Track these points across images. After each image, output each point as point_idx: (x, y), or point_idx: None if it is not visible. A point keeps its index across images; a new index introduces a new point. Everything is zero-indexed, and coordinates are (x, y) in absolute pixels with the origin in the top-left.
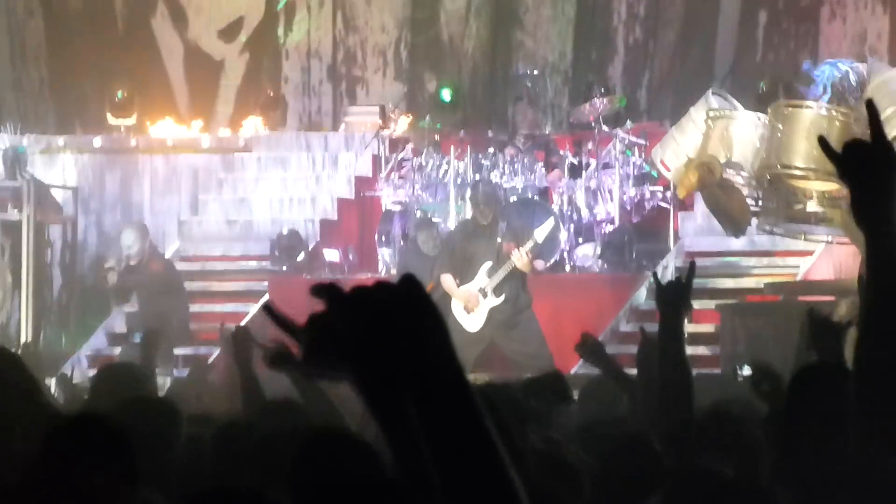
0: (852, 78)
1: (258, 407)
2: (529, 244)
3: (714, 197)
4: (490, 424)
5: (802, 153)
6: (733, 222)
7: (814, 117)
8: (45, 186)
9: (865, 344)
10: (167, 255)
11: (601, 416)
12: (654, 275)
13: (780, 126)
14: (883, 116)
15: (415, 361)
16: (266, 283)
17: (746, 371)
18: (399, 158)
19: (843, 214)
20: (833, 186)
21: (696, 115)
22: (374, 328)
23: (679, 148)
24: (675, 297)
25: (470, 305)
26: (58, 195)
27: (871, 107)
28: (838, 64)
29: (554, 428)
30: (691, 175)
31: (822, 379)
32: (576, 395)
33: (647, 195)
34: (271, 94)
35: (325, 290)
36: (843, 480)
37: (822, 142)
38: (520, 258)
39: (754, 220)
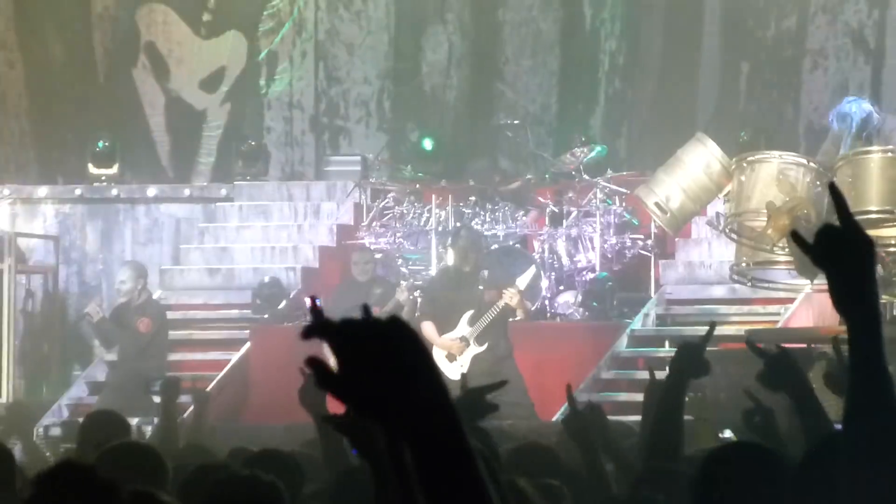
0: (875, 118)
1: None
2: (513, 290)
3: (802, 242)
4: (482, 471)
5: (875, 197)
6: (814, 269)
7: (881, 161)
8: (26, 236)
9: (847, 426)
10: None
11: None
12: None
13: (853, 172)
14: None
15: (412, 410)
16: (248, 332)
17: (728, 434)
18: (381, 207)
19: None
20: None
21: (699, 156)
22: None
23: (675, 188)
24: (689, 359)
25: (452, 354)
26: (39, 245)
27: (834, 190)
28: (861, 103)
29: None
30: (784, 219)
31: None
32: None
33: (628, 243)
34: (253, 144)
35: (318, 328)
36: None
37: (794, 234)
38: (512, 296)
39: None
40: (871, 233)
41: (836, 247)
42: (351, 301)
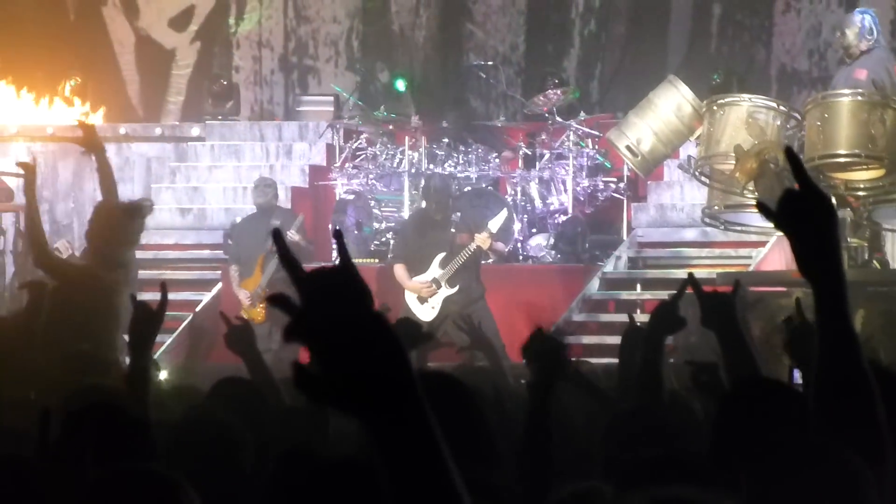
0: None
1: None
2: (484, 234)
3: (769, 185)
4: (442, 446)
5: (846, 140)
6: None
7: (851, 105)
8: None
9: (815, 388)
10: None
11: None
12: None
13: (822, 115)
14: None
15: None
16: (219, 272)
17: None
18: (353, 148)
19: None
20: (865, 175)
21: (670, 99)
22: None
23: (647, 131)
24: (664, 318)
25: (423, 295)
26: (10, 182)
27: (790, 154)
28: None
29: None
30: (752, 162)
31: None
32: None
33: (600, 186)
34: (224, 83)
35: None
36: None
37: (759, 204)
38: (483, 239)
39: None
40: (841, 176)
41: (797, 211)
42: (251, 230)
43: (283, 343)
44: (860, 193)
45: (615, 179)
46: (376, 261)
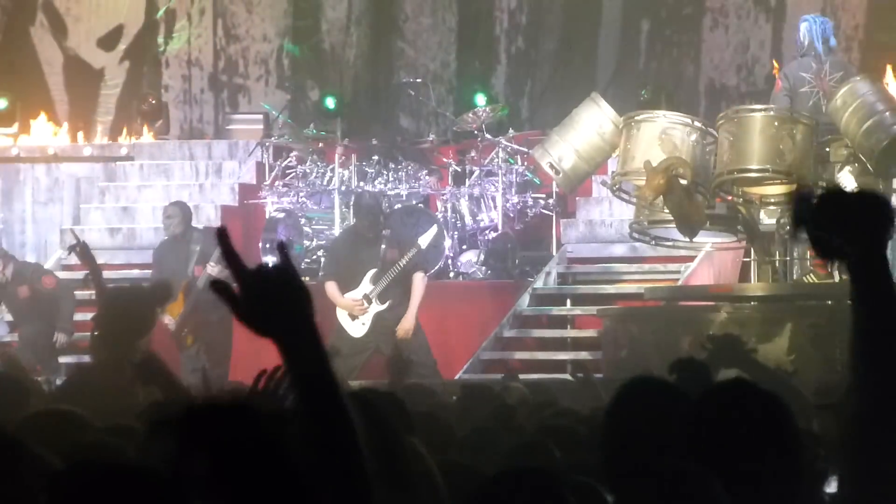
0: (828, 29)
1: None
2: (413, 251)
3: (678, 201)
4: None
5: (756, 155)
6: (691, 226)
7: (760, 120)
8: None
9: (860, 368)
10: (48, 265)
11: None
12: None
13: (734, 130)
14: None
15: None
16: None
17: None
18: (283, 166)
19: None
20: (780, 189)
21: (591, 117)
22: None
23: (568, 149)
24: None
25: (355, 313)
26: None
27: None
28: (814, 18)
29: (438, 434)
30: (660, 178)
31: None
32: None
33: (530, 202)
34: (153, 102)
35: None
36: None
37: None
38: (404, 331)
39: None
40: (753, 191)
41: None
42: (171, 255)
43: (210, 362)
44: (771, 208)
45: (544, 196)
46: (307, 279)
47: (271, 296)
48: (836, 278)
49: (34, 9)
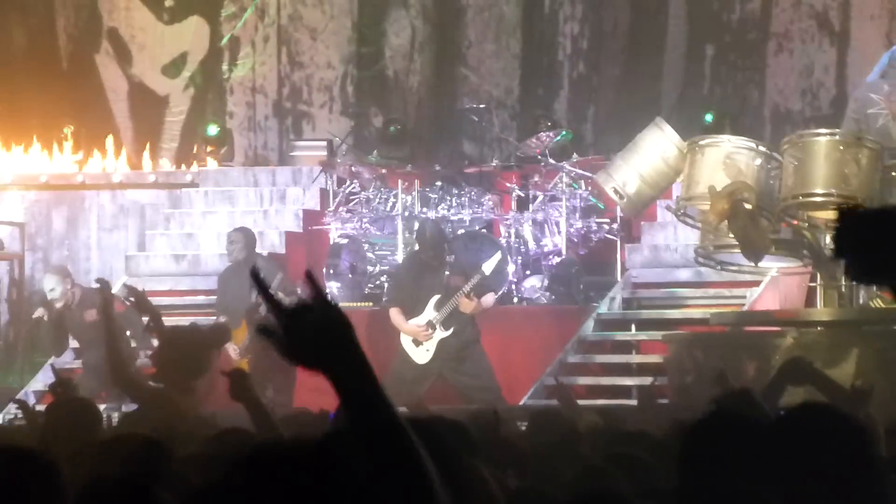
0: None
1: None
2: (477, 277)
3: (743, 225)
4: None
5: (821, 180)
6: (756, 251)
7: (825, 144)
8: None
9: None
10: (114, 291)
11: (553, 445)
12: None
13: (799, 155)
14: None
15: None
16: (214, 318)
17: None
18: (346, 192)
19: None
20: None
21: (655, 142)
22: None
23: (633, 174)
24: None
25: (419, 339)
26: (4, 231)
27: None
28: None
29: (504, 459)
30: (724, 202)
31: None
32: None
33: (594, 227)
34: (218, 129)
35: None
36: None
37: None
38: (466, 304)
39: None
40: (818, 215)
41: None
42: (233, 282)
43: (274, 389)
44: None
45: (608, 220)
46: (370, 304)
47: (309, 330)
48: None
49: (99, 37)
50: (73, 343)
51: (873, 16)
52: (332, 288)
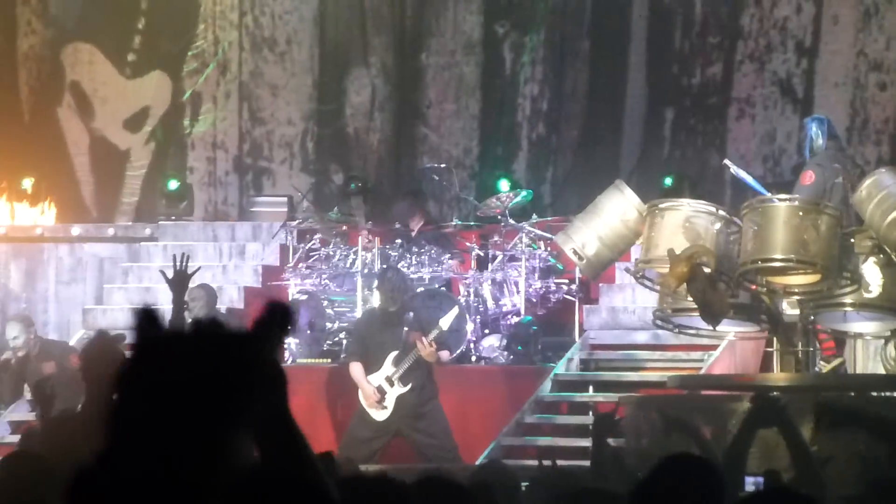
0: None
1: None
2: (435, 332)
3: (701, 289)
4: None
5: (780, 245)
6: (714, 315)
7: (784, 210)
8: None
9: None
10: (72, 344)
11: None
12: None
13: (758, 220)
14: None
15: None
16: None
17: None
18: (306, 248)
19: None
20: (803, 280)
21: (616, 204)
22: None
23: (592, 235)
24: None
25: (369, 405)
26: None
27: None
28: (820, 118)
29: None
30: (683, 266)
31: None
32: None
33: (553, 288)
34: (178, 184)
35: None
36: None
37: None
38: (423, 348)
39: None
40: (776, 280)
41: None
42: None
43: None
44: (794, 299)
45: (567, 281)
46: (329, 361)
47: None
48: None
49: (61, 90)
50: (28, 394)
51: (837, 83)
52: (291, 344)
